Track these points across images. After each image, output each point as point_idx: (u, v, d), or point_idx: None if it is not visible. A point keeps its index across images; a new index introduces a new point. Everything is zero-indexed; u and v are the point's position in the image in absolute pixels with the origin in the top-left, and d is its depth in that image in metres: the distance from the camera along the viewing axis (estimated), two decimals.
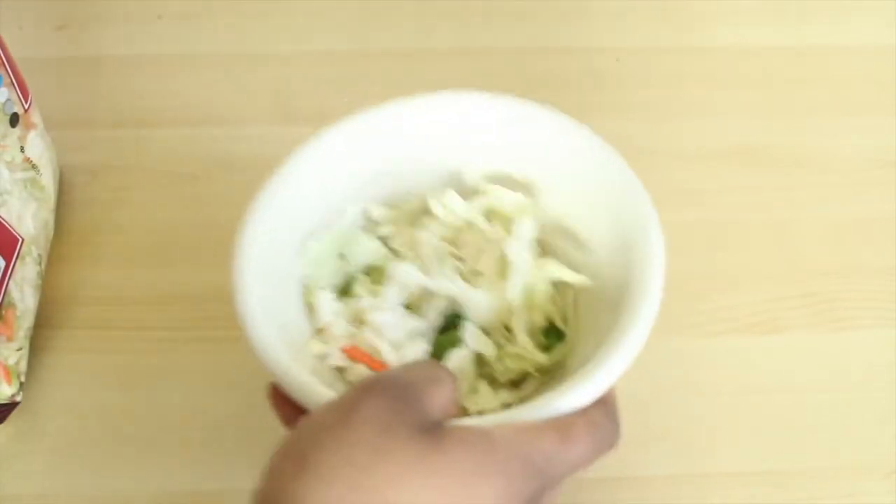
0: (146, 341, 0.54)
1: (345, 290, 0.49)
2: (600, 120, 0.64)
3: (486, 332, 0.48)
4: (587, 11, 0.69)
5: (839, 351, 0.56)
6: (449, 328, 0.48)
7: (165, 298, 0.56)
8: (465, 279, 0.49)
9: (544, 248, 0.50)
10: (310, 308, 0.48)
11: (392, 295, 0.48)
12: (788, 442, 0.53)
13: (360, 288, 0.49)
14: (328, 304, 0.48)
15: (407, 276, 0.48)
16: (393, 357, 0.46)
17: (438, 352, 0.47)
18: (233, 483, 0.50)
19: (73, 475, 0.50)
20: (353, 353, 0.47)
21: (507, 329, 0.48)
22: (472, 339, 0.47)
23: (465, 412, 0.45)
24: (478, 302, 0.48)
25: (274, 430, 0.51)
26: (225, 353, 0.53)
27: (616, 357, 0.41)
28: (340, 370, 0.47)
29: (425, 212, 0.50)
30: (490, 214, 0.50)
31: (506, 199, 0.50)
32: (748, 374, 0.55)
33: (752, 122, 0.65)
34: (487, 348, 0.47)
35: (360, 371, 0.47)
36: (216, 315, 0.55)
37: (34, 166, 0.56)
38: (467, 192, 0.50)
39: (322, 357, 0.47)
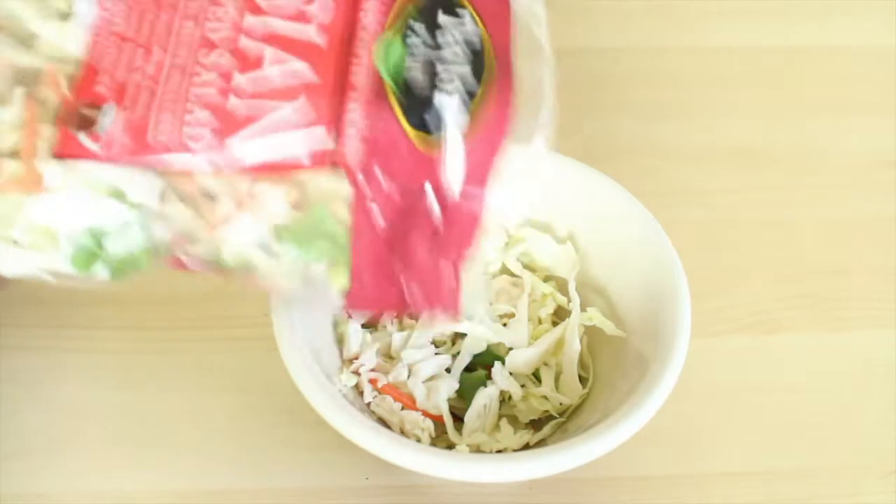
0: (146, 341, 0.54)
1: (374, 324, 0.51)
2: (600, 120, 0.64)
3: (512, 372, 0.50)
4: (587, 11, 0.69)
5: (839, 351, 0.56)
6: (475, 366, 0.49)
7: (165, 298, 0.56)
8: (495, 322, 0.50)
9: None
10: (340, 339, 0.50)
11: (423, 332, 0.49)
12: (788, 442, 0.53)
13: (390, 324, 0.50)
14: (358, 336, 0.49)
15: None
16: (422, 392, 0.48)
17: (466, 389, 0.48)
18: (233, 483, 0.50)
19: (73, 475, 0.50)
20: (384, 387, 0.48)
21: (534, 372, 0.50)
22: (502, 378, 0.48)
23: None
24: (517, 349, 0.50)
25: (273, 429, 0.51)
26: (225, 353, 0.53)
27: (650, 402, 0.44)
28: (360, 392, 0.49)
29: None
30: (526, 261, 0.52)
31: (545, 247, 0.51)
32: (748, 374, 0.55)
33: (752, 122, 0.65)
34: (514, 388, 0.48)
35: (388, 402, 0.48)
36: (216, 315, 0.55)
37: None
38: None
39: (350, 386, 0.48)
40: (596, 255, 0.52)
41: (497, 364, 0.49)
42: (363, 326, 0.50)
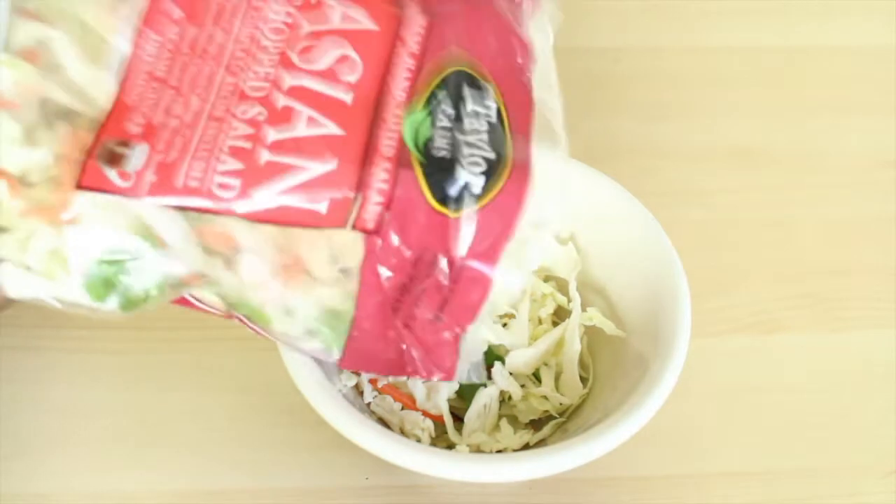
0: (146, 341, 0.54)
1: None
2: (600, 120, 0.64)
3: (512, 372, 0.49)
4: (587, 11, 0.69)
5: (839, 351, 0.56)
6: None
7: None
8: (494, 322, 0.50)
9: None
10: None
11: None
12: (788, 442, 0.53)
13: None
14: None
15: None
16: (422, 392, 0.48)
17: (466, 389, 0.48)
18: (233, 483, 0.50)
19: (72, 475, 0.50)
20: (384, 387, 0.48)
21: (534, 372, 0.50)
22: (502, 378, 0.48)
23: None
24: (517, 349, 0.50)
25: (273, 429, 0.51)
26: (225, 353, 0.53)
27: (650, 402, 0.44)
28: (360, 392, 0.49)
29: None
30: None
31: (547, 247, 0.51)
32: (748, 374, 0.55)
33: (752, 122, 0.65)
34: (514, 388, 0.48)
35: (388, 402, 0.48)
36: None
37: None
38: None
39: (350, 386, 0.48)
40: (596, 255, 0.52)
41: (497, 364, 0.49)
42: None
